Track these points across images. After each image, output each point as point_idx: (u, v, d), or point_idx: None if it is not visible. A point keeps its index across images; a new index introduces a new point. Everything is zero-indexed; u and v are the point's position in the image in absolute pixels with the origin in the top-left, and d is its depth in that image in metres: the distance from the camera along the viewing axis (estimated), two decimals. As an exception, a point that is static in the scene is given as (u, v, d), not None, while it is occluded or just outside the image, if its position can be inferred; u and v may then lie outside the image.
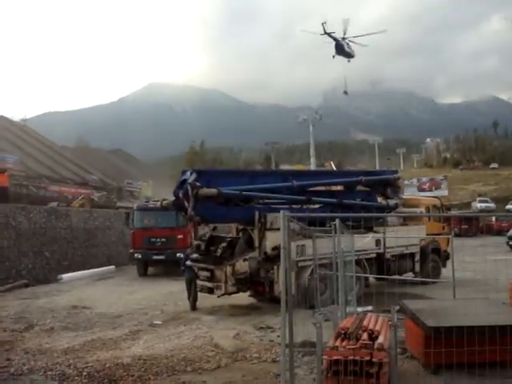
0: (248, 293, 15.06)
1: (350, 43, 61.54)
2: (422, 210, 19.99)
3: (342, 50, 60.75)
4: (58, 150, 67.09)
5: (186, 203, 13.19)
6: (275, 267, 13.47)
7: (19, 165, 43.75)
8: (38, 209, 23.91)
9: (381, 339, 6.45)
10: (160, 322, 12.79)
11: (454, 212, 42.53)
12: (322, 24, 57.89)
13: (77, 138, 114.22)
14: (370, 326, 6.84)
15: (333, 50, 61.08)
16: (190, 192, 13.03)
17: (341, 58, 63.26)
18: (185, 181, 13.45)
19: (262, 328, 11.67)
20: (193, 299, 14.75)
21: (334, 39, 59.78)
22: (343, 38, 60.61)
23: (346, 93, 68.63)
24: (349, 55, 62.48)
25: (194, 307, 14.67)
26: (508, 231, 38.48)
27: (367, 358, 6.18)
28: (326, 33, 58.09)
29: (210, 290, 14.17)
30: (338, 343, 6.49)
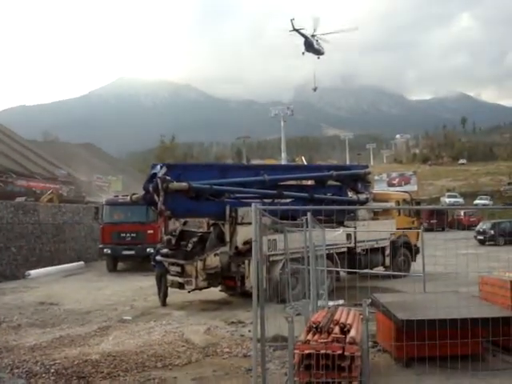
0: (219, 288, 15.00)
1: (319, 40, 61.87)
2: (392, 204, 20.15)
3: (311, 46, 61.08)
4: (25, 144, 65.84)
5: (156, 197, 13.06)
6: (246, 262, 13.45)
7: (-15, 159, 42.85)
8: (5, 203, 23.42)
9: (353, 333, 6.43)
10: (130, 318, 12.63)
11: (423, 206, 42.97)
12: (291, 20, 58.13)
13: (45, 132, 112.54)
14: (342, 320, 6.81)
15: (303, 47, 61.41)
16: (160, 186, 12.89)
17: (312, 55, 63.59)
18: (155, 175, 13.31)
19: (232, 323, 11.62)
20: (163, 294, 14.61)
21: (303, 36, 60.00)
22: (313, 35, 60.87)
23: (315, 89, 68.89)
24: (318, 52, 62.81)
25: (164, 303, 14.53)
26: (476, 226, 39.15)
27: (339, 351, 6.14)
28: (294, 29, 58.30)
29: (181, 285, 14.08)
30: (309, 337, 6.44)
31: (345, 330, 6.52)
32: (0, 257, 21.78)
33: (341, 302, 11.28)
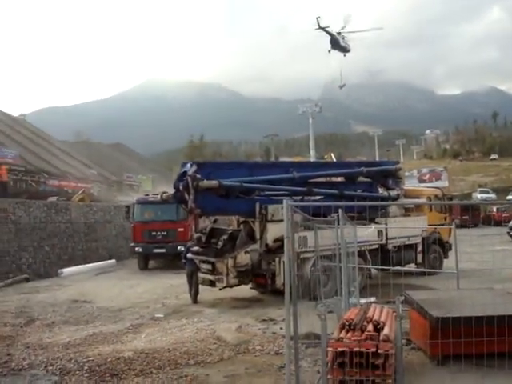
0: (250, 285, 14.98)
1: (345, 38, 61.46)
2: (424, 200, 19.88)
3: (337, 44, 60.71)
4: (57, 145, 66.93)
5: (187, 195, 13.10)
6: (277, 259, 13.42)
7: (18, 159, 43.63)
8: (38, 203, 23.81)
9: (386, 330, 6.35)
10: (162, 316, 12.71)
11: (456, 201, 42.35)
12: (317, 19, 57.82)
13: (76, 132, 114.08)
14: (375, 317, 6.73)
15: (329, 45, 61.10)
16: (190, 184, 12.93)
17: (339, 52, 63.26)
18: (185, 173, 13.35)
19: (264, 320, 11.60)
20: (194, 292, 14.66)
21: (329, 34, 59.67)
22: (339, 33, 60.48)
23: (342, 87, 68.53)
24: (344, 49, 62.42)
25: (195, 300, 14.58)
26: (509, 222, 38.43)
27: (373, 349, 6.07)
28: (320, 27, 58.00)
29: (212, 283, 14.12)
30: (342, 334, 6.38)
31: (378, 328, 6.44)
32: (34, 255, 22.13)
33: (373, 299, 11.16)
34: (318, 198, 15.44)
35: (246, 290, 15.11)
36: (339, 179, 17.47)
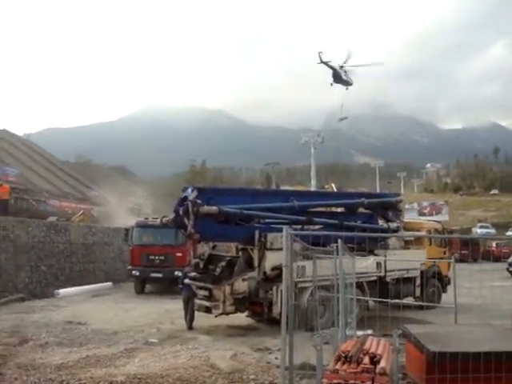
0: (246, 313, 14.89)
1: (347, 72, 62.08)
2: (424, 233, 19.87)
3: (339, 78, 61.35)
4: (58, 165, 67.12)
5: (186, 220, 13.10)
6: (274, 288, 13.36)
7: (20, 178, 43.73)
8: (37, 222, 23.76)
9: (383, 363, 6.29)
10: (156, 341, 12.61)
11: (456, 235, 42.28)
12: (319, 53, 58.60)
13: (78, 153, 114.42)
14: (372, 350, 6.67)
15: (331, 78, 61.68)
16: (190, 209, 12.94)
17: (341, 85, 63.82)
18: (185, 198, 13.38)
19: (259, 349, 11.50)
20: (190, 318, 14.57)
21: (331, 68, 60.37)
22: (341, 67, 61.14)
23: (342, 119, 69.02)
24: (347, 83, 63.00)
25: (190, 326, 14.48)
26: (508, 257, 38.27)
27: (369, 382, 6.00)
28: (322, 61, 58.72)
29: (208, 309, 14.03)
30: (338, 366, 6.32)
31: (375, 361, 6.39)
32: (30, 275, 22.00)
33: (370, 331, 11.08)
34: (317, 227, 15.43)
35: (241, 318, 15.02)
36: (339, 209, 17.48)
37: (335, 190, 57.10)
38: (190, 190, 13.54)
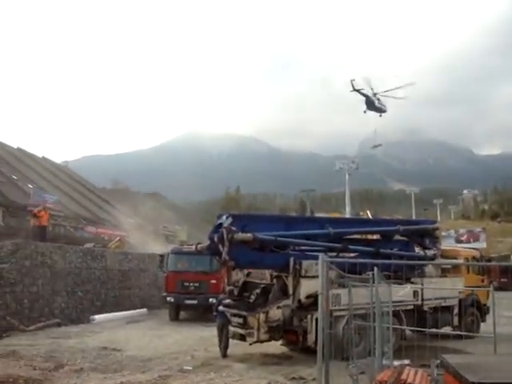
0: (280, 341, 14.77)
1: (380, 99, 62.16)
2: (462, 261, 19.51)
3: (372, 105, 61.50)
4: (96, 192, 68.19)
5: (221, 247, 13.15)
6: (309, 316, 13.25)
7: (58, 205, 44.46)
8: (74, 249, 24.13)
9: (420, 395, 6.16)
10: (190, 368, 12.58)
11: (494, 263, 41.33)
12: (351, 81, 58.98)
13: (114, 180, 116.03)
14: (409, 380, 6.56)
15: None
16: (225, 236, 13.00)
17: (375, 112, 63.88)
18: (220, 225, 13.45)
19: (294, 378, 11.39)
20: (224, 346, 14.51)
21: (364, 95, 60.56)
22: (374, 94, 61.27)
23: (376, 147, 68.92)
24: (380, 110, 63.07)
25: (225, 354, 14.41)
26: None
27: (406, 413, 5.88)
28: (354, 89, 59.01)
29: (242, 337, 13.97)
30: (375, 397, 6.22)
31: (412, 392, 6.26)
32: (67, 300, 22.27)
33: (407, 361, 10.86)
34: (352, 255, 15.30)
35: (276, 346, 14.91)
36: (375, 237, 17.31)
37: (370, 217, 56.68)
38: (224, 216, 13.61)
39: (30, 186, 45.20)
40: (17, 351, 14.18)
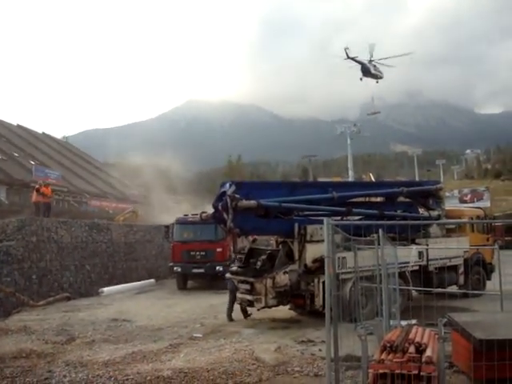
0: (288, 306, 14.90)
1: (377, 65, 61.63)
2: (466, 220, 19.51)
3: (368, 72, 61.03)
4: (97, 166, 68.16)
5: (226, 215, 13.15)
6: (316, 280, 13.33)
7: (61, 180, 44.51)
8: (79, 223, 24.22)
9: (429, 352, 6.22)
10: (200, 335, 12.73)
11: (499, 220, 41.42)
12: (345, 49, 58.45)
13: (116, 153, 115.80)
14: (417, 339, 6.60)
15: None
16: (229, 204, 12.98)
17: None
18: (224, 193, 13.42)
19: (303, 342, 11.50)
20: (229, 310, 14.79)
21: (359, 63, 60.05)
22: (370, 61, 60.74)
23: (373, 114, 68.64)
24: (376, 77, 62.57)
25: (230, 318, 14.68)
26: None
27: (415, 371, 5.95)
28: (348, 57, 58.55)
29: (250, 303, 14.09)
30: (384, 356, 6.27)
31: (420, 350, 6.32)
32: (75, 274, 22.47)
33: (414, 321, 10.95)
34: (357, 218, 15.30)
35: (284, 311, 15.04)
36: (379, 199, 17.30)
37: (373, 180, 56.61)
38: (227, 184, 13.58)
39: (32, 163, 45.20)
40: (28, 326, 14.34)
